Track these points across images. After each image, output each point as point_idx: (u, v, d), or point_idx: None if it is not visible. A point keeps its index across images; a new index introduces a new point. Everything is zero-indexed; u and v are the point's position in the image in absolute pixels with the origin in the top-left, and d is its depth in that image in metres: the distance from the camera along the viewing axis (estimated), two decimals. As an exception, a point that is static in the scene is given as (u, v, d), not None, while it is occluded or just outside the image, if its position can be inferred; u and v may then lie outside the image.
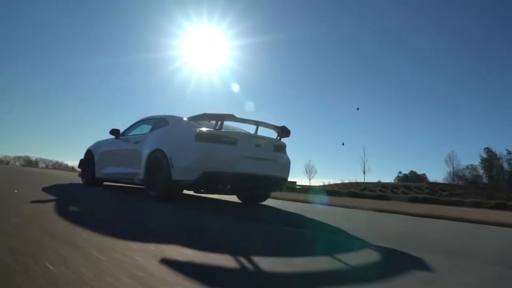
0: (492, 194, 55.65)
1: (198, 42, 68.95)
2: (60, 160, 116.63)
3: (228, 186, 5.25)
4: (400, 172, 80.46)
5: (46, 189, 5.71)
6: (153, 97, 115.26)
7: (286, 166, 6.05)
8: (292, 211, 6.11)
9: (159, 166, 5.55)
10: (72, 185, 7.50)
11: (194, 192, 5.90)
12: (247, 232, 3.26)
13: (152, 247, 2.13)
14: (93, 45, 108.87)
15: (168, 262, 1.82)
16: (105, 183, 8.18)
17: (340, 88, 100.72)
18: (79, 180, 8.74)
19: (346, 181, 76.25)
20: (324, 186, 69.41)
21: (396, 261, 2.47)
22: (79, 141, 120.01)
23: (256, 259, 2.05)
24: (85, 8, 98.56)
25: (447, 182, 76.60)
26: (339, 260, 2.27)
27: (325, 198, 14.51)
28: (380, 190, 60.07)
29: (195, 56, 76.07)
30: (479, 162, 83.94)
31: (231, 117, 5.46)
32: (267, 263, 2.00)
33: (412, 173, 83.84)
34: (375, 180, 77.16)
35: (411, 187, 66.64)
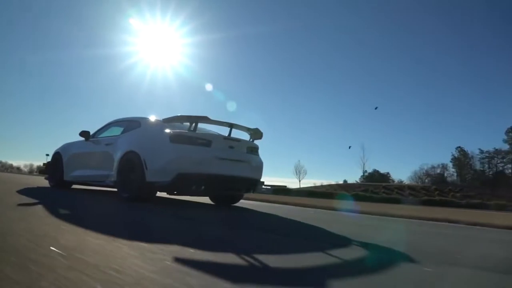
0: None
1: (151, 38, 66.25)
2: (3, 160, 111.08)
3: (203, 187, 5.36)
4: (365, 171, 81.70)
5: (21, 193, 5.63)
6: (105, 95, 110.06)
7: (259, 167, 6.22)
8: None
9: (132, 168, 5.59)
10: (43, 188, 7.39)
11: (167, 193, 5.98)
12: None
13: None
14: (40, 39, 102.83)
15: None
16: (73, 186, 8.08)
17: (300, 85, 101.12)
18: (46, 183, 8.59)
19: (340, 182, 76.47)
20: (316, 187, 65.36)
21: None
22: (21, 140, 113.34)
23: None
24: (33, 1, 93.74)
25: (414, 183, 78.36)
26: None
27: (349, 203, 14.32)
28: (384, 192, 58.50)
29: (149, 53, 74.01)
30: (450, 161, 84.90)
31: (205, 119, 5.58)
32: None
33: (376, 171, 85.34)
34: (340, 181, 78.45)
35: (417, 188, 64.69)
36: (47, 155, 60.65)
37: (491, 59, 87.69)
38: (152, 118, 6.40)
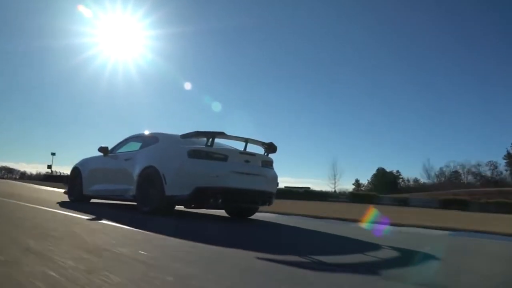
0: None
1: (111, 30, 61.31)
2: None
3: (220, 201, 5.75)
4: (379, 169, 79.28)
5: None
6: (59, 88, 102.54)
7: (273, 180, 6.59)
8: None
9: (152, 183, 6.01)
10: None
11: (185, 207, 6.37)
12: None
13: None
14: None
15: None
16: (92, 200, 8.50)
17: (265, 81, 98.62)
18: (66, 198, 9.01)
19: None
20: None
21: None
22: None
23: None
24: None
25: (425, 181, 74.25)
26: None
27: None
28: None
29: (109, 45, 68.50)
30: (504, 157, 76.86)
31: (222, 135, 6.01)
32: None
33: (380, 169, 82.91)
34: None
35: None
36: (53, 154, 59.67)
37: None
38: (170, 134, 6.84)
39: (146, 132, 7.36)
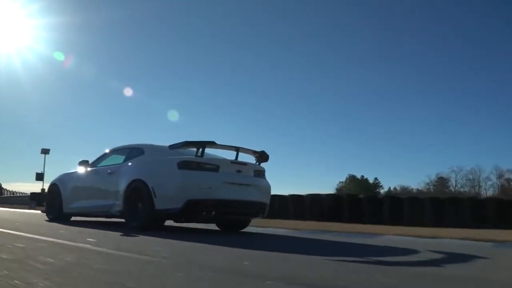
0: None
1: None
2: None
3: (213, 213, 5.73)
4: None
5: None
6: None
7: (267, 191, 6.60)
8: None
9: (140, 197, 5.93)
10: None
11: (174, 221, 6.32)
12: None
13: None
14: None
15: None
16: (73, 218, 8.33)
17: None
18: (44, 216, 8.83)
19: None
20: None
21: None
22: None
23: None
24: None
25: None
26: None
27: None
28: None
29: None
30: None
31: (212, 144, 6.00)
32: None
33: (352, 176, 77.09)
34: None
35: None
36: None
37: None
38: (156, 145, 6.80)
39: (129, 144, 7.29)
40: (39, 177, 34.30)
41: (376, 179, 75.41)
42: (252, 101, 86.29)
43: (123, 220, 6.54)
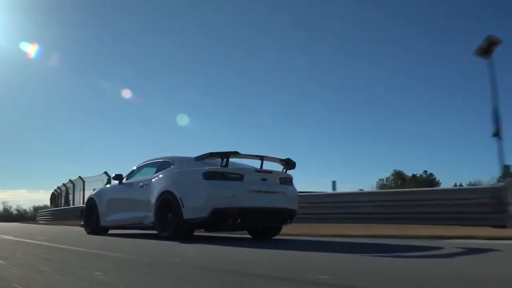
0: None
1: None
2: None
3: (239, 221, 6.12)
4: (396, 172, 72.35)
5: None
6: None
7: (293, 198, 6.90)
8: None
9: (169, 207, 6.42)
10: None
11: (205, 230, 6.76)
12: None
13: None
14: None
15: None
16: (110, 231, 8.90)
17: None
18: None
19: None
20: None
21: None
22: None
23: None
24: None
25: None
26: None
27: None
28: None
29: None
30: None
31: (236, 154, 6.41)
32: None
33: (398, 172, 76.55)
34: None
35: None
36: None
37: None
38: (184, 156, 7.28)
39: (160, 156, 7.81)
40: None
41: (431, 174, 71.49)
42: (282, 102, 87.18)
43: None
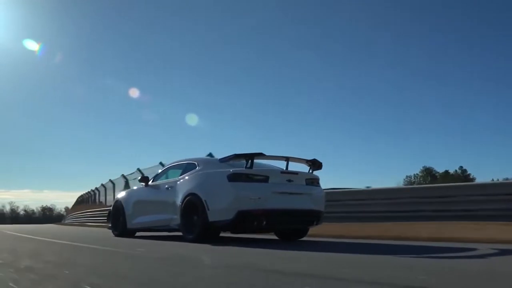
0: None
1: None
2: None
3: (264, 223, 6.11)
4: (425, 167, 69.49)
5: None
6: None
7: (320, 199, 6.84)
8: None
9: (195, 210, 6.45)
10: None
11: (231, 232, 6.78)
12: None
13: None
14: None
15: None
16: (137, 233, 8.98)
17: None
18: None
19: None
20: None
21: None
22: None
23: None
24: None
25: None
26: None
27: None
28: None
29: None
30: None
31: (261, 155, 6.40)
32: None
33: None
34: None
35: None
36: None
37: None
38: (209, 158, 7.32)
39: (184, 159, 7.87)
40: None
41: (464, 171, 69.67)
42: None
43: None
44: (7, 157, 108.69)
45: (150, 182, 8.31)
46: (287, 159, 6.69)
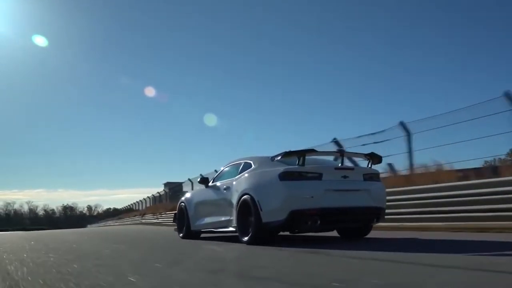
0: None
1: None
2: None
3: (318, 222, 6.03)
4: None
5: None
6: None
7: (380, 195, 6.64)
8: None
9: (249, 211, 6.50)
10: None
11: (290, 232, 6.77)
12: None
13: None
14: None
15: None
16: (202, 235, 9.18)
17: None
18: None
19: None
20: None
21: None
22: None
23: None
24: None
25: None
26: None
27: None
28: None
29: None
30: None
31: (312, 152, 6.33)
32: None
33: None
34: None
35: None
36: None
37: None
38: (262, 157, 7.32)
39: (241, 158, 7.93)
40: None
41: None
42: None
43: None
44: (19, 157, 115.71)
45: (210, 183, 8.53)
46: (342, 154, 6.56)
